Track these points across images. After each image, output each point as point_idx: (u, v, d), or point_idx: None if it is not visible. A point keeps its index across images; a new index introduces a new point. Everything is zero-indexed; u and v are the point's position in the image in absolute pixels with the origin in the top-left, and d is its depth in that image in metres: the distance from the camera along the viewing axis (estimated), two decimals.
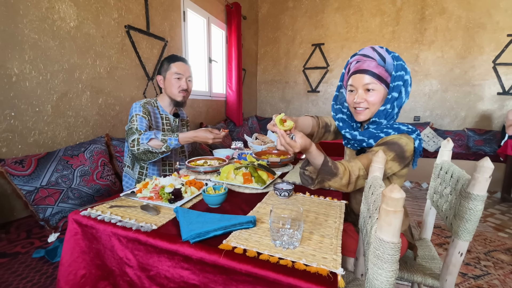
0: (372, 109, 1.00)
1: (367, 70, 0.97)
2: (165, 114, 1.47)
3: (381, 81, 0.97)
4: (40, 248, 1.17)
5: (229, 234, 0.68)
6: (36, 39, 1.43)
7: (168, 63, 1.40)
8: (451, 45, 3.64)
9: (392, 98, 0.97)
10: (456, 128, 3.78)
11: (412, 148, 0.96)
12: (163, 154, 1.25)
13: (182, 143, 1.25)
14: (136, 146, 1.22)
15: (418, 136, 0.99)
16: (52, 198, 1.32)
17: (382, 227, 0.54)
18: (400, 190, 0.51)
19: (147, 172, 1.40)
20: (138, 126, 1.28)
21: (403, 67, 0.97)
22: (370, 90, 0.98)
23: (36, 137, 1.47)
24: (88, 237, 0.81)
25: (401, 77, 0.95)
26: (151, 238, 0.68)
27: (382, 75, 0.97)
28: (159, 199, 0.88)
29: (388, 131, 0.99)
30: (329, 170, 0.89)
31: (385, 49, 0.99)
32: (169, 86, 1.41)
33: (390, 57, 0.97)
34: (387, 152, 0.94)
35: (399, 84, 0.96)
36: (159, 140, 1.23)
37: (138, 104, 1.36)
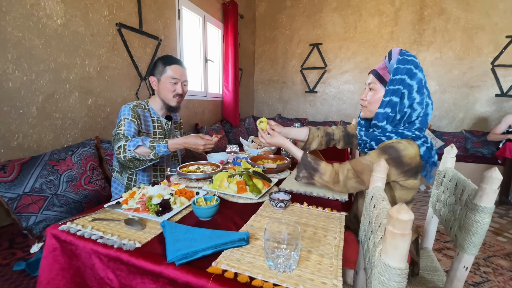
0: (370, 108, 1.01)
1: (373, 69, 1.01)
2: (157, 117, 1.40)
3: (381, 82, 0.97)
4: (22, 259, 1.11)
5: (219, 254, 0.62)
6: (20, 37, 1.36)
7: (163, 65, 1.32)
8: (449, 46, 3.61)
9: (391, 102, 0.94)
10: (454, 130, 3.75)
11: (413, 154, 0.90)
12: (151, 162, 1.19)
13: (171, 150, 1.18)
14: (122, 153, 1.14)
15: (426, 144, 0.93)
16: (36, 206, 1.25)
17: (388, 251, 0.49)
18: (408, 211, 0.46)
19: (137, 178, 1.33)
20: (125, 131, 1.20)
21: (409, 71, 0.91)
22: (371, 89, 1.00)
23: (20, 140, 1.39)
24: (67, 253, 0.74)
25: (401, 81, 0.92)
26: (133, 258, 0.62)
27: (384, 76, 0.97)
28: (145, 211, 0.82)
29: (390, 136, 0.96)
30: (309, 165, 1.00)
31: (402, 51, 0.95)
32: (163, 90, 1.33)
33: (395, 59, 0.94)
34: (380, 155, 0.92)
35: (398, 88, 0.92)
36: (147, 147, 1.15)
37: (127, 107, 1.28)
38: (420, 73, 0.93)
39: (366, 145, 1.05)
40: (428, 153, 0.93)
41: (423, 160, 0.93)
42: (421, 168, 0.94)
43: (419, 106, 0.93)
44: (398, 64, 0.93)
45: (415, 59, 0.94)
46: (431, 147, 0.94)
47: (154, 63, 1.36)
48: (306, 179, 1.00)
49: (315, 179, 0.98)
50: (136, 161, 1.16)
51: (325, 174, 0.96)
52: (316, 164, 0.99)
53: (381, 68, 1.00)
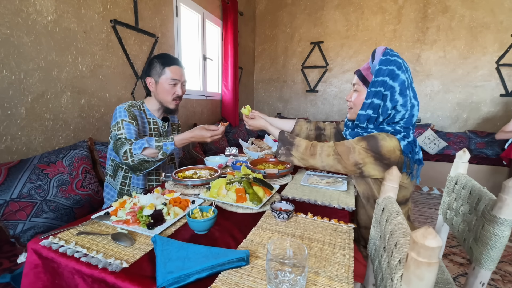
0: (355, 110, 1.00)
1: (358, 70, 0.99)
2: (153, 119, 1.32)
3: (364, 83, 0.96)
4: (8, 270, 1.04)
5: (215, 276, 0.55)
6: (8, 34, 1.28)
7: (161, 66, 1.24)
8: (453, 44, 3.54)
9: (373, 104, 0.92)
10: (458, 130, 3.69)
11: (391, 147, 0.88)
12: (161, 162, 1.14)
13: (178, 146, 1.14)
14: (129, 158, 1.09)
15: (406, 138, 0.91)
16: (23, 212, 1.18)
17: (410, 281, 0.42)
18: (436, 236, 0.39)
19: (131, 183, 1.26)
20: (126, 134, 1.13)
21: (392, 73, 0.88)
22: (355, 91, 0.99)
23: (8, 143, 1.32)
24: (50, 271, 0.68)
25: (382, 83, 0.89)
26: (119, 281, 0.55)
27: (367, 77, 0.95)
28: (136, 223, 0.75)
29: (371, 131, 0.95)
30: (286, 140, 1.03)
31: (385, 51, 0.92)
32: (162, 92, 1.26)
33: (378, 60, 0.91)
34: (359, 141, 0.92)
35: (380, 90, 0.90)
36: (154, 147, 1.10)
37: (122, 108, 1.21)
38: (404, 74, 0.90)
39: None
40: (409, 148, 0.90)
41: (404, 155, 0.90)
42: (402, 164, 0.91)
43: (403, 108, 0.91)
44: (380, 65, 0.90)
45: (398, 59, 0.90)
46: (413, 142, 0.92)
47: (149, 62, 1.27)
48: (285, 155, 1.03)
49: (292, 153, 1.00)
50: (146, 163, 1.11)
51: (300, 146, 0.99)
52: (292, 138, 1.03)
53: (365, 68, 0.98)
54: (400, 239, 0.54)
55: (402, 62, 0.91)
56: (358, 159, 0.91)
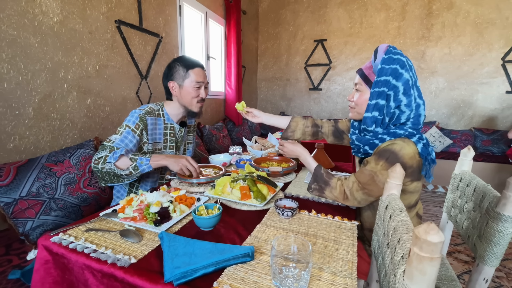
0: (358, 110, 0.97)
1: (360, 69, 0.96)
2: (170, 124, 1.30)
3: (366, 83, 0.92)
4: (18, 267, 1.07)
5: (221, 272, 0.57)
6: (15, 35, 1.31)
7: (185, 69, 1.22)
8: (459, 41, 3.50)
9: (378, 105, 0.88)
10: (463, 127, 3.66)
11: (411, 153, 0.84)
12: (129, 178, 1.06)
13: (154, 166, 1.06)
14: (101, 164, 1.03)
15: (421, 140, 0.88)
16: (32, 210, 1.20)
17: (413, 276, 0.43)
18: (438, 232, 0.40)
19: (139, 186, 1.27)
20: (118, 143, 1.09)
21: (395, 72, 0.85)
22: (358, 91, 0.96)
23: (17, 142, 1.35)
24: (60, 266, 0.70)
25: (386, 82, 0.86)
26: (128, 275, 0.57)
27: (369, 76, 0.92)
28: (143, 220, 0.77)
29: (383, 137, 0.90)
30: (321, 178, 0.96)
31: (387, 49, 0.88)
32: (186, 96, 1.23)
33: (380, 58, 0.87)
34: (377, 161, 0.86)
35: (383, 90, 0.86)
36: (128, 158, 1.05)
37: (136, 115, 1.17)
38: (407, 73, 0.87)
39: (360, 150, 1.00)
40: (425, 150, 0.87)
41: (422, 157, 0.87)
42: (421, 167, 0.89)
43: (407, 108, 0.88)
44: (382, 64, 0.87)
45: (402, 57, 0.87)
46: (427, 144, 0.89)
47: (170, 66, 1.25)
48: (318, 191, 0.97)
49: (326, 193, 0.94)
50: (114, 176, 1.04)
51: (335, 189, 0.92)
52: (328, 177, 0.95)
53: (367, 67, 0.94)
54: (403, 235, 0.55)
55: (406, 60, 0.88)
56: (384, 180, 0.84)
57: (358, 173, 0.91)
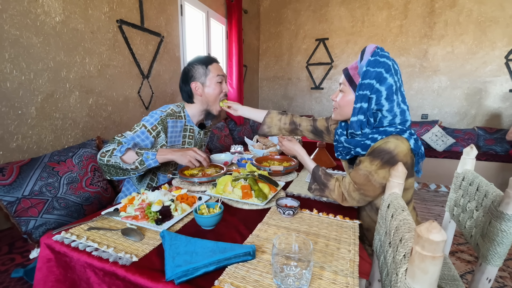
0: (340, 111, 0.96)
1: (345, 68, 0.94)
2: (190, 126, 1.28)
3: (350, 84, 0.90)
4: (20, 265, 1.07)
5: (222, 270, 0.57)
6: (17, 35, 1.31)
7: (204, 67, 1.20)
8: (461, 39, 3.47)
9: (362, 108, 0.86)
10: (466, 126, 3.63)
11: (405, 150, 0.83)
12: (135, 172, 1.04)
13: (160, 160, 1.04)
14: (107, 157, 1.01)
15: (412, 136, 0.87)
16: (35, 209, 1.21)
17: (415, 275, 0.43)
18: (440, 230, 0.40)
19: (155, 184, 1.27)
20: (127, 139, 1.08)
21: (379, 75, 0.83)
22: (341, 91, 0.94)
23: (19, 142, 1.36)
24: (62, 265, 0.70)
25: (369, 86, 0.83)
26: (130, 274, 0.57)
27: (354, 77, 0.89)
28: (144, 219, 0.77)
29: (374, 137, 0.88)
30: (319, 179, 0.95)
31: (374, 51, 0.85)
32: (211, 94, 1.21)
33: (366, 60, 0.85)
34: (372, 161, 0.85)
35: (366, 93, 0.84)
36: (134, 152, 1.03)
37: (157, 116, 1.15)
38: (392, 77, 0.84)
39: (351, 152, 0.96)
40: (417, 146, 0.87)
41: (414, 153, 0.87)
42: (413, 163, 0.88)
43: (389, 114, 0.86)
44: (368, 66, 0.84)
45: (388, 60, 0.84)
46: (417, 139, 0.88)
47: (186, 70, 1.23)
48: (318, 191, 0.96)
49: (326, 194, 0.95)
50: (119, 169, 1.03)
51: (333, 191, 0.92)
52: (326, 179, 0.94)
53: (353, 67, 0.91)
54: (405, 234, 0.55)
55: (392, 64, 0.85)
56: (380, 179, 0.85)
57: (353, 173, 0.90)
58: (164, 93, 2.37)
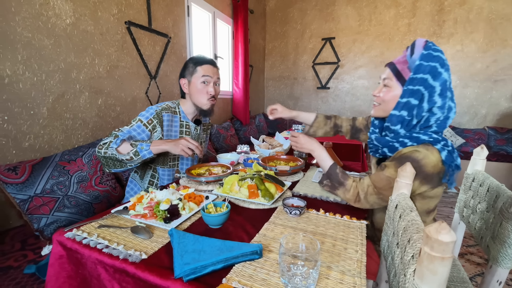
0: (384, 107, 0.91)
1: (392, 63, 0.89)
2: (186, 122, 1.31)
3: (398, 79, 0.85)
4: (32, 262, 1.10)
5: (230, 269, 0.57)
6: (29, 37, 1.35)
7: (194, 66, 1.23)
8: (471, 38, 3.41)
9: (408, 104, 0.82)
10: (476, 126, 3.56)
11: (434, 161, 0.80)
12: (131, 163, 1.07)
13: (154, 151, 1.06)
14: (104, 149, 1.05)
15: (446, 147, 0.82)
16: (47, 207, 1.24)
17: (423, 275, 0.42)
18: (450, 231, 0.39)
19: (158, 182, 1.28)
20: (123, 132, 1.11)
21: (433, 70, 0.79)
22: (386, 86, 0.89)
23: (32, 141, 1.39)
24: (73, 261, 0.72)
25: (422, 81, 0.79)
26: (139, 271, 0.58)
27: (403, 72, 0.85)
28: (153, 217, 0.78)
29: (404, 141, 0.85)
30: (336, 177, 0.94)
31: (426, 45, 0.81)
32: (195, 92, 1.24)
33: (418, 54, 0.81)
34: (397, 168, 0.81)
35: (419, 89, 0.80)
36: (129, 143, 1.07)
37: (152, 110, 1.19)
38: (446, 72, 0.80)
39: (378, 151, 0.96)
40: (450, 158, 0.81)
41: (445, 165, 0.82)
42: (443, 174, 0.84)
43: (440, 111, 0.82)
44: (421, 60, 0.79)
45: (442, 55, 0.80)
46: (452, 150, 0.83)
47: (184, 64, 1.28)
48: (329, 187, 0.96)
49: (338, 192, 0.93)
50: (116, 161, 1.06)
51: (349, 191, 0.90)
52: (344, 178, 0.93)
53: (400, 62, 0.87)
54: (413, 235, 0.54)
55: (445, 59, 0.81)
56: None
57: (374, 177, 0.87)
58: (171, 93, 2.39)
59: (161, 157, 1.26)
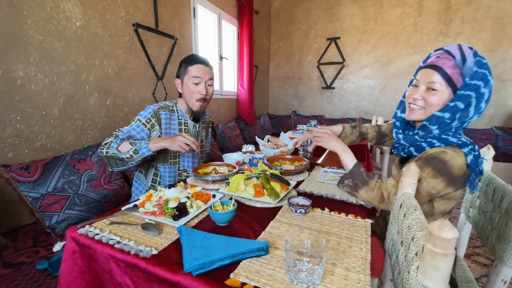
0: (428, 112, 0.89)
1: (439, 67, 0.85)
2: (184, 120, 1.34)
3: (449, 84, 0.84)
4: (44, 258, 1.14)
5: (237, 264, 0.59)
6: (41, 40, 1.39)
7: (186, 66, 1.25)
8: (479, 37, 3.37)
9: (455, 107, 0.82)
10: (484, 126, 3.52)
11: (460, 163, 0.80)
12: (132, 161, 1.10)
13: (153, 148, 1.10)
14: (105, 149, 1.10)
15: (473, 151, 0.82)
16: (58, 205, 1.28)
17: (426, 271, 0.44)
18: (452, 228, 0.40)
19: (161, 180, 1.31)
20: (123, 132, 1.15)
21: (485, 77, 0.80)
22: (433, 90, 0.86)
23: (43, 141, 1.43)
24: (86, 257, 0.74)
25: (475, 87, 0.80)
26: (150, 265, 0.60)
27: (453, 77, 0.83)
28: (162, 215, 0.80)
29: (432, 142, 0.86)
30: (360, 176, 0.92)
31: (473, 51, 0.83)
32: (186, 93, 1.27)
33: (472, 61, 0.81)
34: (423, 167, 0.82)
35: (469, 94, 0.80)
36: (129, 142, 1.10)
37: (150, 109, 1.23)
38: (492, 80, 0.82)
39: (404, 150, 0.96)
40: (475, 162, 0.81)
41: (469, 169, 0.82)
42: (467, 178, 0.84)
43: (477, 116, 0.85)
44: (477, 67, 0.80)
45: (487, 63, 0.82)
46: (478, 155, 0.83)
47: (179, 64, 1.31)
48: (350, 188, 0.94)
49: (360, 192, 0.91)
50: (118, 160, 1.10)
51: (373, 190, 0.89)
52: (368, 177, 0.92)
53: (450, 66, 0.84)
54: (417, 233, 0.55)
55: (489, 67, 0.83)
56: (429, 189, 0.82)
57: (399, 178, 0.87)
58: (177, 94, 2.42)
59: (161, 155, 1.29)
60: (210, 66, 1.30)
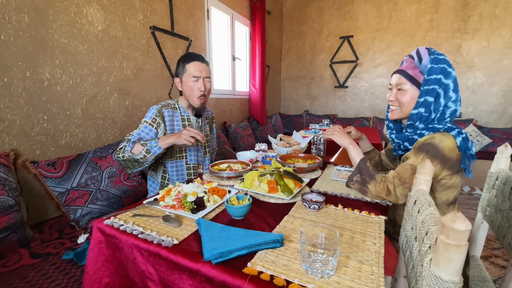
0: (404, 110, 1.01)
1: (401, 70, 1.00)
2: (187, 116, 1.40)
3: (412, 82, 0.97)
4: (70, 249, 1.20)
5: (254, 255, 0.62)
6: (66, 43, 1.47)
7: (183, 64, 1.29)
8: (498, 33, 3.25)
9: (426, 101, 0.93)
10: (504, 125, 3.40)
11: (451, 145, 0.87)
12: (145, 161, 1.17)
13: (163, 146, 1.16)
14: (121, 153, 1.17)
15: (460, 134, 0.90)
16: (82, 200, 1.35)
17: (439, 263, 0.45)
18: (465, 220, 0.42)
19: (169, 177, 1.37)
20: (136, 136, 1.22)
21: (444, 70, 0.90)
22: (402, 90, 0.99)
23: (68, 139, 1.52)
24: (111, 246, 0.79)
25: (436, 80, 0.91)
26: (172, 254, 0.64)
27: (415, 76, 0.97)
28: (181, 208, 0.84)
29: (422, 133, 0.95)
30: (366, 171, 0.96)
31: (429, 50, 0.95)
32: (186, 90, 1.31)
33: (427, 59, 0.93)
34: (418, 155, 0.90)
35: (433, 88, 0.92)
36: (140, 144, 1.18)
37: (154, 108, 1.30)
38: (453, 71, 0.92)
39: (401, 147, 1.05)
40: (464, 144, 0.89)
41: (461, 151, 0.89)
42: (460, 161, 0.91)
43: (454, 104, 0.94)
44: (431, 63, 0.91)
45: (446, 57, 0.93)
46: (466, 138, 0.91)
47: (177, 63, 1.35)
48: (360, 184, 0.95)
49: (369, 187, 0.93)
50: (135, 162, 1.17)
51: (379, 183, 0.92)
52: (374, 171, 0.95)
53: (410, 67, 0.98)
54: (431, 227, 0.56)
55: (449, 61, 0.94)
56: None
57: (398, 169, 0.93)
58: None
59: (168, 151, 1.35)
60: (206, 62, 1.34)
